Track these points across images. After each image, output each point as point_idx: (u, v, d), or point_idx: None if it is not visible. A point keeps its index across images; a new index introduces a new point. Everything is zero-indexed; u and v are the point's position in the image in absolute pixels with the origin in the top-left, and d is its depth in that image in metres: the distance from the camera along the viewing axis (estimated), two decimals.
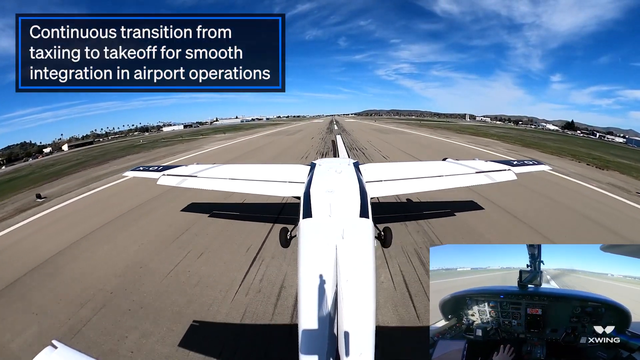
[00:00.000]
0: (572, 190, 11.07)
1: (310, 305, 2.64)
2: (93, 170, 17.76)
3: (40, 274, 5.88)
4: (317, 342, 2.42)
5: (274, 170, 6.77)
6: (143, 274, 5.71)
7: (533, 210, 8.74)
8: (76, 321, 4.46)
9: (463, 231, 7.32)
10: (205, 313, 4.57)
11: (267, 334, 4.22)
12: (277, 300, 4.84)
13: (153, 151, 26.61)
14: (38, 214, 9.65)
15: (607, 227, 7.70)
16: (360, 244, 3.35)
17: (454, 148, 22.34)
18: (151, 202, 10.00)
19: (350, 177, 4.88)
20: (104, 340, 4.09)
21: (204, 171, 6.84)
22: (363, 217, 3.91)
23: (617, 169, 15.19)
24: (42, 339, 4.05)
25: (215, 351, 3.89)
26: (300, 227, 3.86)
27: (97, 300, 4.96)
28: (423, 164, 7.55)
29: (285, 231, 6.04)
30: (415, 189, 6.14)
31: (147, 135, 72.62)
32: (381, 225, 5.98)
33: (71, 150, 54.62)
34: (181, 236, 7.29)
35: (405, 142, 26.34)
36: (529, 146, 24.39)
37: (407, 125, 52.07)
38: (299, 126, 57.39)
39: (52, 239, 7.59)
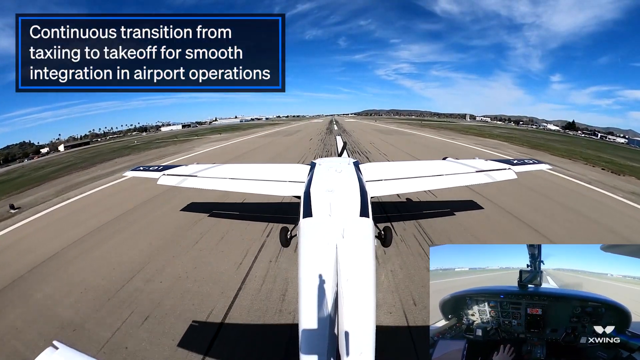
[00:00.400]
0: (605, 205, 9.58)
1: (311, 304, 2.65)
2: (77, 176, 16.86)
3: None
4: (318, 342, 2.42)
5: (274, 170, 6.78)
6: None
7: (582, 237, 7.11)
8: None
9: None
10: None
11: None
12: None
13: (143, 153, 25.80)
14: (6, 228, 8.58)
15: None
16: (361, 243, 3.35)
17: (461, 150, 21.39)
18: (129, 216, 8.99)
19: (350, 176, 4.88)
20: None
21: (204, 171, 6.85)
22: (363, 217, 3.91)
23: (632, 174, 14.28)
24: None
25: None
26: (301, 226, 3.87)
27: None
28: (423, 163, 7.55)
29: (285, 230, 6.05)
30: (415, 188, 6.15)
31: (144, 135, 72.11)
32: (381, 224, 5.98)
33: (67, 151, 53.87)
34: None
35: (410, 144, 25.21)
36: (537, 148, 23.30)
37: (408, 126, 50.63)
38: (297, 126, 55.70)
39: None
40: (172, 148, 28.25)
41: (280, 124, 73.73)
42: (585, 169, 15.45)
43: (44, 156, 50.87)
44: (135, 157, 24.13)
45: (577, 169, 15.16)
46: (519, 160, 7.16)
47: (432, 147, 23.92)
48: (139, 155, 24.81)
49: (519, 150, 21.69)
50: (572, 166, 15.92)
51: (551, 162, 13.97)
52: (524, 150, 22.37)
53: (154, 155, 23.60)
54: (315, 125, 56.09)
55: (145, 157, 23.12)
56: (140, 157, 23.84)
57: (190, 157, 20.20)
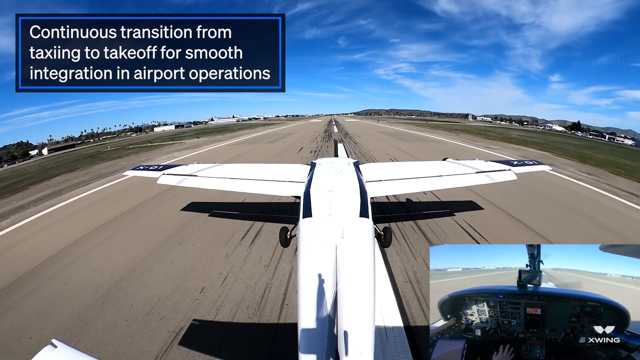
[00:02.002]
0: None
1: (310, 305, 2.65)
2: (21, 196, 13.56)
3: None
4: (317, 342, 2.42)
5: (274, 170, 6.78)
6: None
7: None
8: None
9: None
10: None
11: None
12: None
13: (94, 167, 20.77)
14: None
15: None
16: (360, 243, 3.36)
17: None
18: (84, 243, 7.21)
19: (350, 176, 4.89)
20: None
21: (204, 170, 6.86)
22: (363, 217, 3.92)
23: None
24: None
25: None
26: (300, 226, 3.87)
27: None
28: (423, 164, 7.55)
29: (285, 230, 6.05)
30: (415, 188, 6.15)
31: (133, 136, 69.99)
32: (381, 225, 5.98)
33: (50, 154, 51.45)
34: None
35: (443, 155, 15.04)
36: (584, 160, 18.36)
37: (416, 127, 45.15)
38: (292, 127, 50.89)
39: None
40: (122, 161, 22.51)
41: (276, 124, 69.91)
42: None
43: (28, 160, 48.40)
44: (78, 173, 18.26)
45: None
46: (519, 161, 7.17)
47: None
48: (89, 170, 19.41)
49: (579, 168, 15.64)
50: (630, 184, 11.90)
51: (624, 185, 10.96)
52: (571, 163, 17.05)
53: (90, 176, 16.62)
54: (312, 126, 50.47)
55: (89, 174, 17.38)
56: (81, 174, 17.87)
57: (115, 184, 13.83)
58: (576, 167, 16.13)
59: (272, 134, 37.97)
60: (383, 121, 70.10)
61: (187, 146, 29.65)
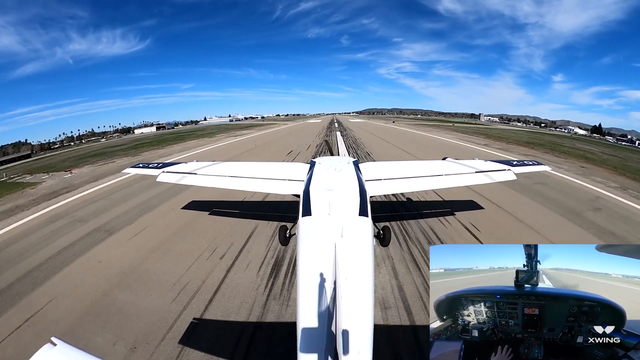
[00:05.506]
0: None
1: (309, 303, 2.64)
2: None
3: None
4: (316, 340, 2.42)
5: (273, 168, 6.75)
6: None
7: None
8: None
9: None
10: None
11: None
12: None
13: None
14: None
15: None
16: (359, 242, 3.35)
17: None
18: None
19: (349, 175, 4.88)
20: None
21: (203, 168, 6.84)
22: (362, 216, 3.91)
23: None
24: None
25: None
26: (300, 225, 3.86)
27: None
28: (423, 163, 7.52)
29: (284, 229, 6.05)
30: (415, 188, 6.14)
31: (116, 139, 60.00)
32: (380, 224, 5.98)
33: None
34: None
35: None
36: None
37: (442, 131, 38.37)
38: (284, 130, 44.70)
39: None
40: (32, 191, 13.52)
41: (271, 125, 62.30)
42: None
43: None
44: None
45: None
46: (518, 161, 7.15)
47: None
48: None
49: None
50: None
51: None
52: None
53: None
54: (309, 128, 44.09)
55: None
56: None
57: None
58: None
59: (250, 141, 27.13)
60: (399, 122, 55.86)
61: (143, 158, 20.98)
